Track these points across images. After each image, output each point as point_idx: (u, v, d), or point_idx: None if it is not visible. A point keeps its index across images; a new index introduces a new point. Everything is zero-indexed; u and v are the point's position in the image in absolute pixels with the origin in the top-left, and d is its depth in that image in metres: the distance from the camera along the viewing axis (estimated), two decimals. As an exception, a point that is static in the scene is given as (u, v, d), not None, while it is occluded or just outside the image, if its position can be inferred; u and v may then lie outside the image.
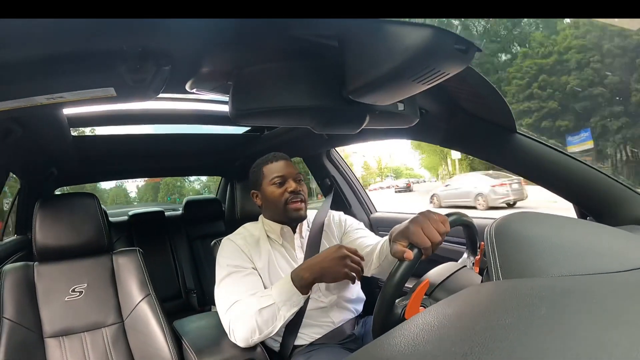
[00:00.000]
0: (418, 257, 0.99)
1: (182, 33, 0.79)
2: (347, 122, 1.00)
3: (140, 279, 1.71)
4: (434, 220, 1.04)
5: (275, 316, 1.22)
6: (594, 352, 0.37)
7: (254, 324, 1.22)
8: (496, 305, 0.52)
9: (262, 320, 1.22)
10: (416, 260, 0.98)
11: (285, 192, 1.47)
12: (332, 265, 1.22)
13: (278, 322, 1.23)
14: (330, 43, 0.86)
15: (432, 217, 1.05)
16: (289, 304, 1.23)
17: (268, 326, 1.23)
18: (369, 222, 2.49)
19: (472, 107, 1.21)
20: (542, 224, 0.76)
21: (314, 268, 1.24)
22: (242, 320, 1.25)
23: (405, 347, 0.45)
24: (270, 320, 1.23)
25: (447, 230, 1.05)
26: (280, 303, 1.22)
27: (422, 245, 0.99)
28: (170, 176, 4.21)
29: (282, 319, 1.23)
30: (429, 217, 1.05)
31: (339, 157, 2.58)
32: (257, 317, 1.22)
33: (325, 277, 1.23)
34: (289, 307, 1.23)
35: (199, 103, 1.97)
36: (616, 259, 0.65)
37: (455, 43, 0.67)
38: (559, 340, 0.39)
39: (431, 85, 0.77)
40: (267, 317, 1.22)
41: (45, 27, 0.70)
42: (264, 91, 0.87)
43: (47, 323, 1.55)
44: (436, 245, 1.02)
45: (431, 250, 1.01)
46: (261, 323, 1.22)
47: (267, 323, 1.23)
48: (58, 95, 0.91)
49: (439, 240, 1.01)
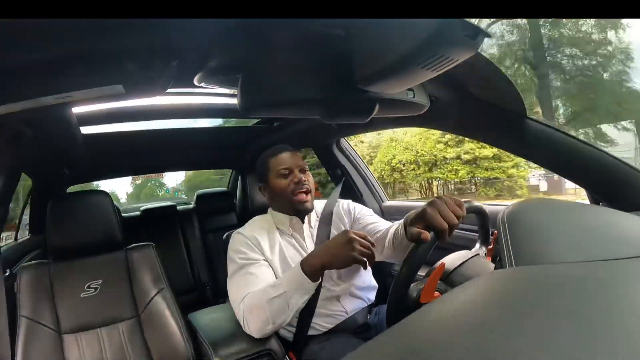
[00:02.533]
0: (434, 240, 0.99)
1: (189, 29, 0.79)
2: (357, 112, 1.00)
3: (155, 273, 1.73)
4: (451, 204, 1.05)
5: (287, 305, 1.22)
6: (609, 339, 0.37)
7: (266, 314, 1.23)
8: (509, 292, 0.52)
9: (273, 309, 1.22)
10: (432, 242, 0.99)
11: (291, 183, 1.48)
12: (340, 250, 1.20)
13: (290, 310, 1.23)
14: (338, 33, 0.85)
15: (448, 201, 1.06)
16: (300, 292, 1.22)
17: (280, 315, 1.23)
18: (380, 210, 2.48)
19: (482, 93, 1.20)
20: (555, 211, 0.76)
21: (323, 254, 1.23)
22: (254, 312, 1.26)
23: (419, 337, 0.45)
24: (282, 309, 1.22)
25: (463, 214, 1.06)
26: (291, 291, 1.22)
27: (439, 227, 1.00)
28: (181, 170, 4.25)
29: (294, 307, 1.23)
30: (446, 201, 1.06)
31: (349, 146, 2.57)
32: (268, 307, 1.22)
33: (334, 262, 1.22)
34: (300, 295, 1.23)
35: (208, 97, 1.97)
36: (630, 245, 0.64)
37: (463, 29, 0.66)
38: (573, 327, 0.39)
39: (440, 72, 0.77)
40: (279, 306, 1.22)
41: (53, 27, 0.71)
42: (272, 83, 0.87)
43: (64, 320, 1.57)
44: (452, 229, 1.03)
45: (448, 234, 1.02)
46: (273, 312, 1.22)
47: (279, 312, 1.22)
48: (67, 95, 0.91)
49: (455, 223, 1.03)
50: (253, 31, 0.83)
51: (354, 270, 1.54)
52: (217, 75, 1.03)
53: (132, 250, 1.79)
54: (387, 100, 0.98)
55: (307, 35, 0.86)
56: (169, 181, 31.36)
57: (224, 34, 0.84)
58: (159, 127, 2.46)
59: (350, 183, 2.56)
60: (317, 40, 0.87)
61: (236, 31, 0.83)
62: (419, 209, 1.09)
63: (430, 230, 1.00)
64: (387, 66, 0.75)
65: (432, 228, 1.01)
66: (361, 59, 0.81)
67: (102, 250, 1.74)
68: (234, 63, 0.93)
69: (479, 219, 1.20)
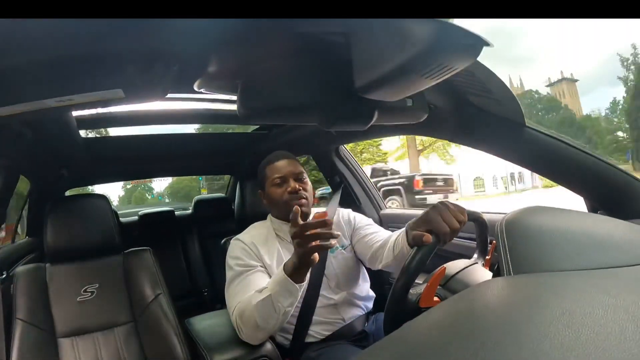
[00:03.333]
0: (436, 243, 1.01)
1: (189, 33, 0.79)
2: (356, 119, 1.00)
3: (152, 278, 1.73)
4: (453, 210, 1.08)
5: (273, 308, 1.20)
6: (607, 347, 0.37)
7: (255, 319, 1.22)
8: (507, 300, 0.52)
9: (261, 314, 1.21)
10: (434, 246, 1.01)
11: (285, 192, 1.48)
12: (298, 244, 1.15)
13: (278, 314, 1.21)
14: (338, 40, 0.85)
15: (450, 207, 1.09)
16: (285, 294, 1.20)
17: (269, 320, 1.22)
18: (379, 218, 2.48)
19: (481, 101, 1.20)
20: (553, 219, 0.76)
21: (295, 254, 1.19)
22: (245, 317, 1.25)
23: (416, 345, 0.45)
24: (269, 313, 1.21)
25: (464, 220, 1.08)
26: (276, 294, 1.20)
27: (441, 231, 1.03)
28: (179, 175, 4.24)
29: (280, 310, 1.21)
30: (448, 206, 1.09)
31: (348, 153, 2.57)
32: (256, 312, 1.21)
33: (302, 259, 1.17)
34: (285, 298, 1.20)
35: (208, 103, 1.97)
36: (628, 253, 0.64)
37: (463, 38, 0.66)
38: (571, 335, 0.39)
39: (440, 80, 0.77)
40: (266, 310, 1.21)
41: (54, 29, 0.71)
42: (272, 89, 0.87)
43: (60, 323, 1.56)
44: (454, 234, 1.05)
45: (449, 238, 1.04)
46: (261, 317, 1.21)
47: (267, 316, 1.21)
48: (67, 98, 0.91)
49: (457, 228, 1.05)
50: (253, 38, 0.83)
51: (352, 279, 1.54)
52: (217, 80, 1.03)
53: (130, 255, 1.79)
54: (386, 108, 0.98)
55: (307, 42, 0.86)
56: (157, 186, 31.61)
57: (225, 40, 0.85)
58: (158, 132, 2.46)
59: (349, 191, 2.55)
60: (316, 48, 0.87)
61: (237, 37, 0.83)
62: (421, 214, 1.11)
63: (433, 234, 1.02)
64: (386, 74, 0.75)
65: (434, 231, 1.03)
66: (360, 67, 0.81)
67: (100, 254, 1.74)
68: (233, 69, 0.93)
69: (478, 227, 1.20)
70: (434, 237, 1.01)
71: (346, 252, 1.58)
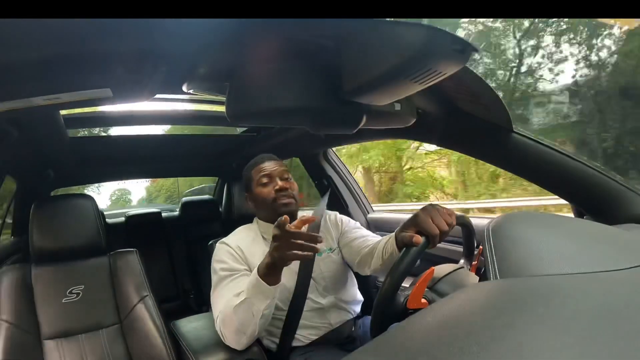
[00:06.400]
0: (425, 245, 1.02)
1: (178, 33, 0.78)
2: (344, 122, 1.00)
3: (138, 280, 1.71)
4: (442, 212, 1.09)
5: (251, 312, 1.19)
6: (591, 351, 0.37)
7: (235, 323, 1.22)
8: (493, 304, 0.52)
9: (240, 318, 1.21)
10: (423, 247, 1.01)
11: (273, 190, 1.47)
12: (277, 248, 1.13)
13: (256, 317, 1.20)
14: (326, 43, 0.85)
15: (440, 209, 1.10)
16: (260, 297, 1.19)
17: (248, 324, 1.21)
18: (366, 222, 2.48)
19: (469, 106, 1.21)
20: (539, 224, 0.77)
21: (269, 255, 1.17)
22: (226, 322, 1.25)
23: (402, 347, 0.45)
24: (247, 317, 1.20)
25: (453, 222, 1.09)
26: (252, 297, 1.19)
27: (431, 232, 1.03)
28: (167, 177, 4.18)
29: (258, 313, 1.19)
30: (437, 208, 1.10)
31: (336, 157, 2.58)
32: (235, 316, 1.21)
33: (277, 261, 1.14)
34: (260, 301, 1.19)
35: (196, 104, 1.97)
36: (613, 258, 0.65)
37: (451, 43, 0.67)
38: (555, 339, 0.39)
39: (428, 85, 0.78)
40: (244, 314, 1.20)
41: (42, 28, 0.70)
42: (260, 91, 0.86)
43: (45, 325, 1.54)
44: (443, 236, 1.06)
45: (438, 239, 1.05)
46: (240, 321, 1.21)
47: (246, 320, 1.20)
48: (54, 96, 0.90)
49: (446, 230, 1.06)
50: (242, 40, 0.83)
51: (339, 283, 1.54)
52: (206, 82, 1.03)
53: (116, 256, 1.77)
54: (375, 112, 0.99)
55: (296, 45, 0.86)
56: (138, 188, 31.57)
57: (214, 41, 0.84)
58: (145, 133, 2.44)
59: (336, 194, 2.56)
60: (306, 50, 0.87)
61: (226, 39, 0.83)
62: (411, 216, 1.11)
63: (422, 235, 1.02)
64: (375, 78, 0.76)
65: (423, 233, 1.03)
66: (349, 70, 0.81)
67: (86, 255, 1.71)
68: (222, 71, 0.93)
69: (465, 233, 1.21)
70: (424, 238, 1.02)
71: (334, 255, 1.58)
